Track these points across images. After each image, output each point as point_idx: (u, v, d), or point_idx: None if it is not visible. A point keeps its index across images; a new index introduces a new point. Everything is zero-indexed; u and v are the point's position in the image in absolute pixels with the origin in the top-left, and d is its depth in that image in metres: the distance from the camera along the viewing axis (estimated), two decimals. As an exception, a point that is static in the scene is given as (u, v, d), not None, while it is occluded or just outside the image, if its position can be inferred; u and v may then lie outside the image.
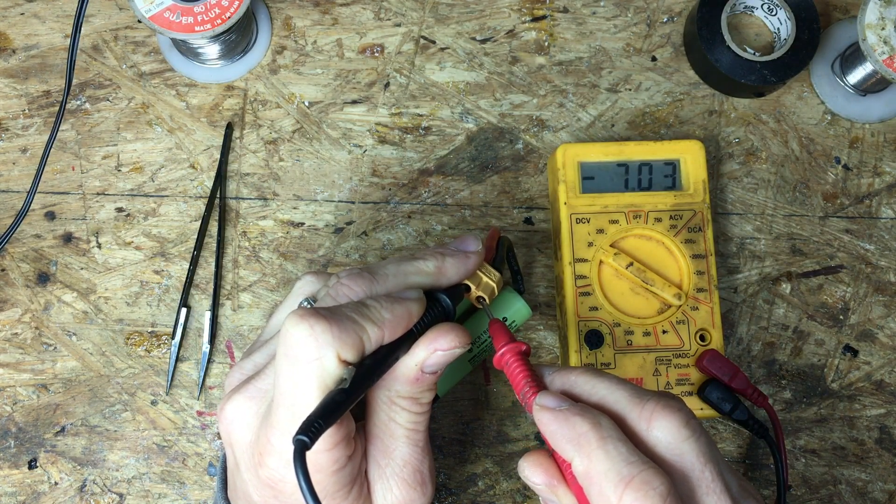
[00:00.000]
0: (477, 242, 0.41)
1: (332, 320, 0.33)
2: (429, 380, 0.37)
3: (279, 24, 0.55)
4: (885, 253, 0.53)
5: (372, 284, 0.37)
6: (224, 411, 0.37)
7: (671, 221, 0.49)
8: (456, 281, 0.40)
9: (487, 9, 0.55)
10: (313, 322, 0.33)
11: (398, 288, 0.38)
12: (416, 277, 0.39)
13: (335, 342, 0.33)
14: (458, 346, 0.37)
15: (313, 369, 0.33)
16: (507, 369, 0.38)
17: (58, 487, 0.49)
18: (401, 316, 0.36)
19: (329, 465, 0.35)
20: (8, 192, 0.52)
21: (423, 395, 0.38)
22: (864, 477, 0.51)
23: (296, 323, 0.33)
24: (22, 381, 0.50)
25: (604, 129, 0.54)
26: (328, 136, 0.54)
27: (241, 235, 0.52)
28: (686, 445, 0.33)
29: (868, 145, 0.55)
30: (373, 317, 0.35)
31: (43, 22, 0.54)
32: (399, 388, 0.37)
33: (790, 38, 0.53)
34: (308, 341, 0.33)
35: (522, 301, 0.49)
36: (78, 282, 0.51)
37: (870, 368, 0.52)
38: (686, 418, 0.33)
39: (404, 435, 0.38)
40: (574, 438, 0.33)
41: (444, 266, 0.40)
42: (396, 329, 0.36)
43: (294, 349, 0.33)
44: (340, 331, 0.33)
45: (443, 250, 0.40)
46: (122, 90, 0.54)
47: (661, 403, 0.33)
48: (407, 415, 0.37)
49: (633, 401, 0.34)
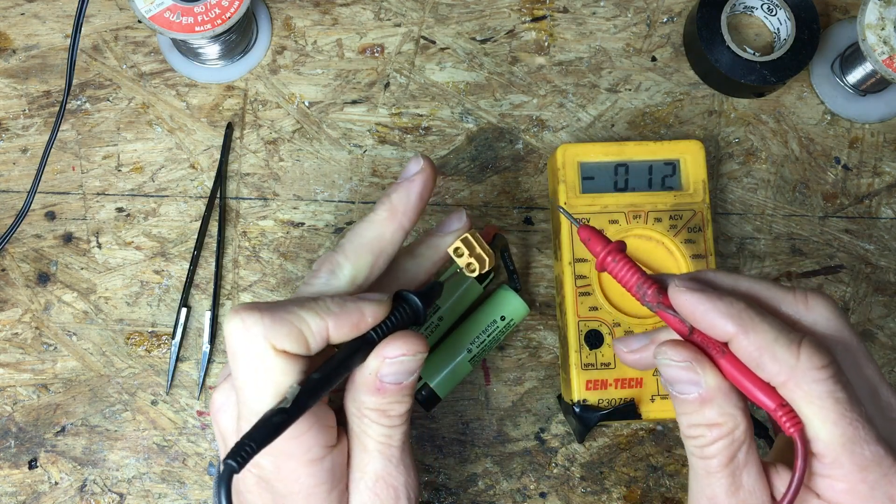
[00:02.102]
0: (417, 163, 0.39)
1: (265, 311, 0.34)
2: (393, 390, 0.36)
3: (279, 25, 0.55)
4: (885, 253, 0.53)
5: (335, 267, 0.37)
6: (212, 400, 0.38)
7: (671, 221, 0.49)
8: (415, 209, 0.39)
9: (487, 9, 0.55)
10: (245, 315, 0.34)
11: (362, 259, 0.37)
12: (374, 236, 0.38)
13: (266, 332, 0.33)
14: (406, 353, 0.36)
15: (249, 360, 0.33)
16: (614, 268, 0.37)
17: (58, 487, 0.49)
18: (350, 312, 0.35)
19: (301, 454, 0.35)
20: (8, 192, 0.53)
21: (392, 407, 0.36)
22: (863, 477, 0.51)
23: (230, 318, 0.34)
24: (22, 381, 0.50)
25: (604, 129, 0.54)
26: (328, 136, 0.54)
27: (242, 235, 0.52)
28: (843, 322, 0.35)
29: (868, 145, 0.55)
30: (316, 308, 0.34)
31: (43, 22, 0.54)
32: (363, 398, 0.36)
33: (790, 38, 0.53)
34: (239, 333, 0.34)
35: (519, 299, 0.49)
36: (78, 282, 0.51)
37: (869, 368, 0.52)
38: (831, 300, 0.36)
39: (376, 449, 0.37)
40: (733, 314, 0.33)
41: (393, 206, 0.39)
42: (344, 325, 0.35)
43: (231, 344, 0.34)
44: (273, 321, 0.33)
45: (387, 190, 0.39)
46: (122, 90, 0.54)
47: (810, 290, 0.36)
48: (377, 427, 0.36)
49: (781, 289, 0.36)
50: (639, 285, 0.37)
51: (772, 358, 0.33)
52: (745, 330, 0.33)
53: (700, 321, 0.34)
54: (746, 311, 0.34)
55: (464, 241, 0.41)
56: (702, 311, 0.34)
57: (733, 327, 0.33)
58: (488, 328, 0.49)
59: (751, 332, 0.33)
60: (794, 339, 0.33)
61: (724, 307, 0.34)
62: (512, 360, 0.51)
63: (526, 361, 0.51)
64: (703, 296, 0.34)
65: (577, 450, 0.51)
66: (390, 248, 0.38)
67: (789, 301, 0.35)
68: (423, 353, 0.36)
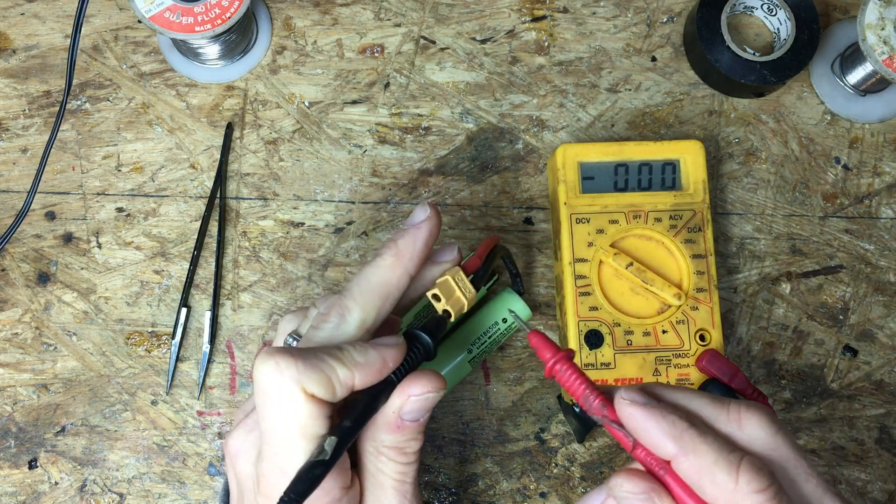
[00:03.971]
0: (424, 211, 0.40)
1: (297, 356, 0.35)
2: (411, 428, 0.37)
3: (279, 25, 0.55)
4: (885, 253, 0.53)
5: (345, 311, 0.38)
6: (227, 445, 0.39)
7: (671, 221, 0.49)
8: (420, 255, 0.40)
9: (487, 9, 0.55)
10: (278, 358, 0.34)
11: (370, 304, 0.38)
12: (381, 280, 0.39)
13: (300, 376, 0.34)
14: (430, 391, 0.37)
15: (283, 404, 0.34)
16: (562, 376, 0.37)
17: (58, 487, 0.49)
18: (374, 361, 0.36)
19: (322, 496, 0.35)
20: (8, 192, 0.53)
21: (409, 445, 0.38)
22: (863, 477, 0.51)
23: (263, 361, 0.35)
24: (22, 381, 0.50)
25: (604, 129, 0.54)
26: (328, 136, 0.54)
27: (242, 235, 0.52)
28: (779, 438, 0.34)
29: (868, 145, 0.55)
30: (343, 358, 0.35)
31: (43, 22, 0.54)
32: (383, 437, 0.37)
33: (790, 38, 0.53)
34: (273, 376, 0.34)
35: (522, 302, 0.49)
36: (78, 282, 0.51)
37: (869, 368, 0.52)
38: (772, 416, 0.34)
39: (392, 486, 0.38)
40: (675, 434, 0.33)
41: (399, 252, 0.39)
42: (369, 374, 0.36)
43: (262, 386, 0.35)
44: (305, 366, 0.34)
45: (394, 235, 0.40)
46: (122, 90, 0.54)
47: (743, 404, 0.35)
48: (394, 465, 0.38)
49: (716, 405, 0.35)
50: (585, 396, 0.36)
51: (711, 481, 0.32)
52: (685, 451, 0.33)
53: (643, 438, 0.34)
54: (688, 432, 0.33)
55: (443, 285, 0.40)
56: (643, 427, 0.34)
57: (674, 448, 0.33)
58: (490, 330, 0.49)
59: (691, 455, 0.33)
60: (733, 461, 0.32)
61: (666, 426, 0.33)
62: (512, 360, 0.52)
63: (526, 361, 0.51)
64: (646, 411, 0.34)
65: (577, 450, 0.51)
66: (396, 292, 0.39)
67: (723, 420, 0.34)
68: (444, 390, 0.37)
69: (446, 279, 0.41)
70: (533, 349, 0.39)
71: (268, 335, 0.51)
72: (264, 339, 0.51)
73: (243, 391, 0.51)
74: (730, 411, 0.35)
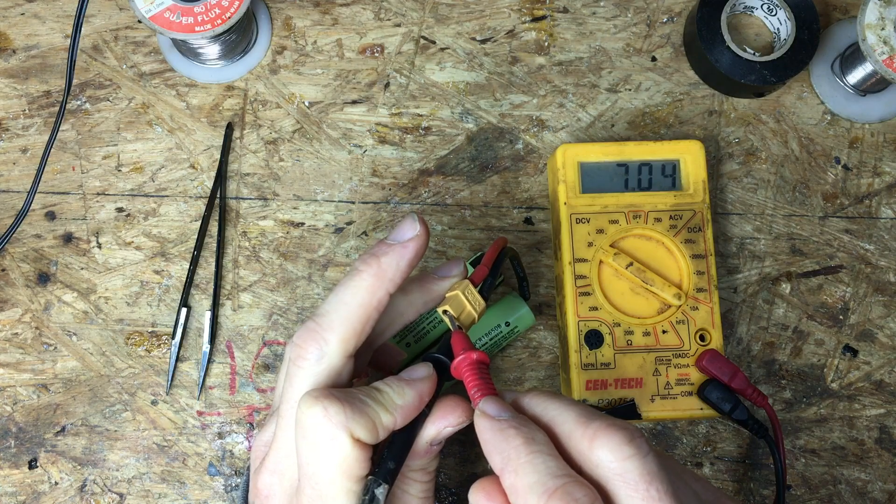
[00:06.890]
0: (413, 227, 0.39)
1: (345, 401, 0.35)
2: (436, 451, 0.38)
3: (279, 25, 0.55)
4: (885, 253, 0.53)
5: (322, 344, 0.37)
6: (257, 487, 0.39)
7: (671, 221, 0.49)
8: (404, 275, 0.38)
9: (487, 9, 0.55)
10: (327, 403, 0.34)
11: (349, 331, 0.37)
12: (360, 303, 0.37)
13: (348, 422, 0.34)
14: (465, 420, 0.38)
15: (329, 449, 0.34)
16: (463, 378, 0.37)
17: (58, 487, 0.49)
18: (411, 402, 0.37)
19: None
20: (8, 192, 0.53)
21: (431, 464, 0.39)
22: (863, 477, 0.51)
23: (310, 405, 0.35)
24: (22, 381, 0.50)
25: (604, 129, 0.54)
26: (328, 136, 0.54)
27: (242, 235, 0.52)
28: (629, 464, 0.32)
29: (868, 145, 0.55)
30: (385, 403, 0.36)
31: (43, 22, 0.54)
32: (411, 463, 0.38)
33: (790, 38, 0.53)
34: (322, 422, 0.34)
35: (527, 307, 0.49)
36: (78, 282, 0.51)
37: (869, 368, 0.52)
38: (629, 437, 0.32)
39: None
40: (505, 451, 0.33)
41: (381, 271, 0.38)
42: (409, 414, 0.36)
43: (309, 431, 0.35)
44: (353, 412, 0.35)
45: (376, 250, 0.38)
46: (122, 90, 0.54)
47: (606, 423, 0.33)
48: (419, 486, 0.39)
49: (579, 421, 0.33)
50: (472, 397, 0.37)
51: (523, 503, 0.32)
52: (508, 469, 0.33)
53: (483, 449, 0.34)
54: (519, 449, 0.33)
55: (453, 300, 0.39)
56: (484, 440, 0.34)
57: (500, 463, 0.33)
58: (492, 332, 0.49)
59: (512, 473, 0.32)
60: (548, 488, 0.31)
61: (500, 442, 0.33)
62: (512, 360, 0.51)
63: (526, 361, 0.51)
64: (488, 423, 0.34)
65: (577, 450, 0.51)
66: (376, 313, 0.38)
67: (577, 437, 0.33)
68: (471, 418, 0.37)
69: (456, 294, 0.39)
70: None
71: (268, 335, 0.51)
72: (264, 339, 0.51)
73: (243, 391, 0.51)
74: (586, 429, 0.33)
